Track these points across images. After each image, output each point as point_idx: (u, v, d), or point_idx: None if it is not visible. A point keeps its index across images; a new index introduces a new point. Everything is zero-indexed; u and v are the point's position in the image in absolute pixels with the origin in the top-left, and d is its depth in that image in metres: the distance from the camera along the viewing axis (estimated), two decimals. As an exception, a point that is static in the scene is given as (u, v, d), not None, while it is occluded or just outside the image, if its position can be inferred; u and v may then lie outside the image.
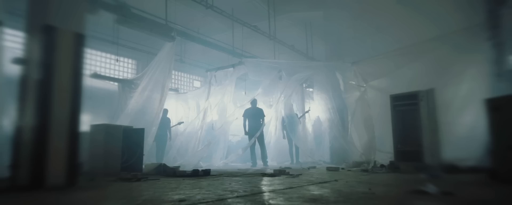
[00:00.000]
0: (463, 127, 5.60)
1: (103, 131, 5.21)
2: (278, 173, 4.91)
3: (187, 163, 6.48)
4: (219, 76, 8.97)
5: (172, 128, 9.22)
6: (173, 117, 9.81)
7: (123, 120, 6.47)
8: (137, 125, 5.91)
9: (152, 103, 6.12)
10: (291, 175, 4.69)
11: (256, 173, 5.13)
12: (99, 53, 10.53)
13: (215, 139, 8.31)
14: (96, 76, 9.04)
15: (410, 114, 5.84)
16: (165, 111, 9.20)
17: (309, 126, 10.15)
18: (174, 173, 4.89)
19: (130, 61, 11.40)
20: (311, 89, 11.46)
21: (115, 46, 9.80)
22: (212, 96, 8.69)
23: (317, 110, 9.78)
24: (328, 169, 5.80)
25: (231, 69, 8.55)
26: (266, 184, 3.44)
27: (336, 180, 3.71)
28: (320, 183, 3.46)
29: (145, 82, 6.69)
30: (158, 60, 6.61)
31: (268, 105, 10.17)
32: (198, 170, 4.90)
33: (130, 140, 5.46)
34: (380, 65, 6.70)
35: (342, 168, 6.00)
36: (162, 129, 8.77)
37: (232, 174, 4.99)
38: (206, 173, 4.90)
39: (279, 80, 8.55)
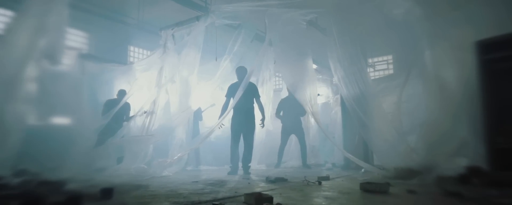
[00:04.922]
0: None
1: None
2: (255, 202, 1.93)
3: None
4: (178, 36, 5.92)
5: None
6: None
7: None
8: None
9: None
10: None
11: (207, 202, 2.14)
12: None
13: (168, 130, 5.26)
14: None
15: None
16: (122, 93, 5.87)
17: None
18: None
19: (80, 33, 7.52)
20: (314, 66, 8.57)
21: None
22: (168, 65, 5.68)
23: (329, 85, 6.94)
24: (365, 188, 2.80)
25: (196, 23, 5.52)
26: None
27: None
28: None
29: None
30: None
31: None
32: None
33: None
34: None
35: (389, 184, 3.00)
36: (119, 120, 5.58)
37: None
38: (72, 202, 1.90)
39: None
